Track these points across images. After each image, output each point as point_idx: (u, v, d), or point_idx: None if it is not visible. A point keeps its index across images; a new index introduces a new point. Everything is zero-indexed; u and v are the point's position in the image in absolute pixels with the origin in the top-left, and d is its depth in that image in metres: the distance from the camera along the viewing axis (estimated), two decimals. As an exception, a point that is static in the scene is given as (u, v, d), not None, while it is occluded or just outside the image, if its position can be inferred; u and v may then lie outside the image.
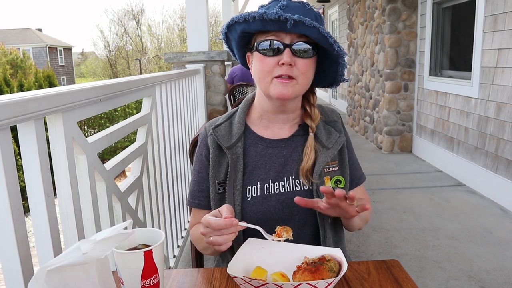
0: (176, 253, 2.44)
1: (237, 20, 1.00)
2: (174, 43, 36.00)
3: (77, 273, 0.62)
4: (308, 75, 1.03)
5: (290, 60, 0.98)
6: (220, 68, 3.67)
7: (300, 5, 1.00)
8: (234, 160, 1.07)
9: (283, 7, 0.98)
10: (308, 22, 0.93)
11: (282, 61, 0.98)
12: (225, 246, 0.86)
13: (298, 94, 1.04)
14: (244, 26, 1.00)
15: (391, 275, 0.90)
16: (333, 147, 1.10)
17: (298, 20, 0.93)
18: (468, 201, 3.56)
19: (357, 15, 6.57)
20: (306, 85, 1.05)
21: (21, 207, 0.90)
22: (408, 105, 5.18)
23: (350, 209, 0.94)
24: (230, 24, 1.03)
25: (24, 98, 0.89)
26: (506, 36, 3.23)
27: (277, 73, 0.99)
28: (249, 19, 0.97)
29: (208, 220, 0.86)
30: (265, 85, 1.03)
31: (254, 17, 0.96)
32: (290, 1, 1.00)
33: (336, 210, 0.96)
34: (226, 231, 0.85)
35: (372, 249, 2.74)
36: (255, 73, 1.05)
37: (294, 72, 0.99)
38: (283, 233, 0.92)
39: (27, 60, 20.57)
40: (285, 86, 1.00)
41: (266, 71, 1.01)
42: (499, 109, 3.37)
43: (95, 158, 1.30)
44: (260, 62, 1.02)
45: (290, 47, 0.98)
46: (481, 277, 2.35)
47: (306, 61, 1.00)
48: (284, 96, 1.01)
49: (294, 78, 1.00)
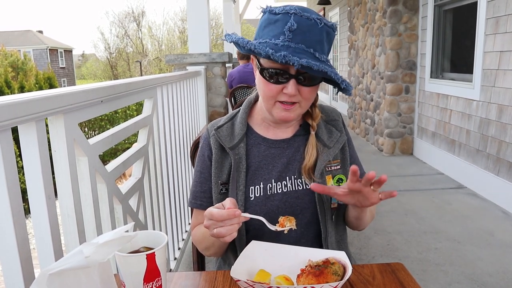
0: (177, 255, 2.43)
1: (242, 46, 0.98)
2: (174, 45, 36.04)
3: (79, 277, 0.61)
4: (311, 99, 1.03)
5: (295, 91, 0.97)
6: (221, 69, 3.67)
7: (312, 24, 0.94)
8: (237, 161, 1.07)
9: (292, 29, 0.93)
10: (316, 67, 0.90)
11: (286, 91, 0.98)
12: (229, 238, 0.85)
13: (299, 115, 1.07)
14: (249, 51, 0.98)
15: (396, 278, 0.89)
16: (335, 146, 1.10)
17: (306, 65, 0.90)
18: (470, 203, 3.55)
19: (358, 17, 6.58)
20: (307, 107, 1.06)
21: (21, 209, 0.89)
22: (409, 107, 5.17)
23: (372, 195, 0.89)
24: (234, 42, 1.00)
25: (25, 99, 0.89)
26: (508, 38, 3.22)
27: (281, 99, 1.00)
28: (255, 52, 0.94)
29: (211, 211, 0.86)
30: (268, 106, 1.04)
31: (260, 53, 0.93)
32: (301, 17, 0.94)
33: (355, 196, 0.91)
34: (229, 222, 0.84)
35: (374, 252, 2.72)
36: (259, 90, 1.05)
37: (297, 98, 1.00)
38: (286, 223, 0.91)
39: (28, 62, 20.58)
40: (287, 111, 1.01)
41: (270, 96, 1.01)
42: (501, 111, 3.36)
43: (97, 160, 1.29)
44: (264, 85, 1.01)
45: (296, 78, 0.97)
46: (484, 280, 2.34)
47: (311, 88, 1.00)
48: (287, 120, 1.03)
49: (297, 103, 1.01)
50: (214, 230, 0.85)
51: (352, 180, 0.87)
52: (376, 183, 0.87)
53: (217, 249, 1.06)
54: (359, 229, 1.16)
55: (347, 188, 0.89)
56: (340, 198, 0.93)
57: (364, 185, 0.87)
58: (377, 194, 0.90)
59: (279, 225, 0.91)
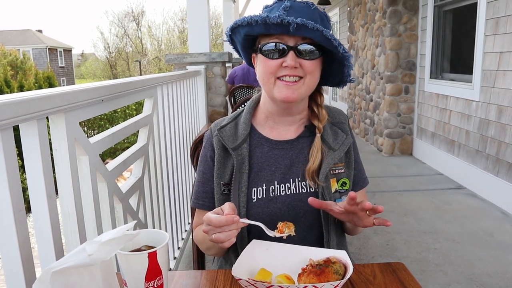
0: (177, 254, 2.43)
1: (240, 24, 0.99)
2: (174, 45, 36.03)
3: (82, 275, 0.61)
4: (315, 75, 1.01)
5: (294, 62, 0.96)
6: (221, 69, 3.67)
7: (305, 6, 0.98)
8: (240, 161, 1.05)
9: (287, 8, 0.96)
10: (311, 25, 0.91)
11: (285, 63, 0.97)
12: (227, 243, 0.85)
13: (303, 96, 1.03)
14: (248, 29, 0.99)
15: (397, 277, 0.89)
16: (340, 149, 1.08)
17: (301, 23, 0.91)
18: (469, 204, 3.56)
19: (358, 18, 6.58)
20: (312, 86, 1.03)
21: (23, 208, 0.89)
22: (409, 107, 5.17)
23: (367, 220, 0.92)
24: (234, 27, 1.02)
25: (27, 98, 0.89)
26: (508, 39, 3.23)
27: (281, 74, 0.99)
28: (252, 22, 0.96)
29: (209, 217, 0.85)
30: (269, 87, 1.02)
31: (256, 21, 0.95)
32: (294, 1, 0.98)
33: (350, 216, 0.94)
34: (227, 228, 0.84)
35: (373, 252, 2.72)
36: (259, 75, 1.04)
37: (300, 72, 0.98)
38: (285, 229, 0.91)
39: (27, 61, 20.54)
40: (289, 88, 0.99)
41: (269, 73, 1.00)
42: (500, 112, 3.36)
43: (97, 159, 1.29)
44: (263, 64, 1.01)
45: (294, 49, 0.97)
46: (483, 280, 2.34)
47: (312, 62, 0.99)
48: (289, 99, 0.99)
49: (302, 77, 0.99)
50: (213, 235, 0.85)
51: (349, 203, 0.89)
52: (372, 211, 0.89)
53: (218, 249, 1.06)
54: (353, 234, 1.18)
55: (343, 208, 0.92)
56: (335, 215, 0.97)
57: (360, 210, 0.89)
58: (372, 219, 0.93)
59: (278, 231, 0.91)
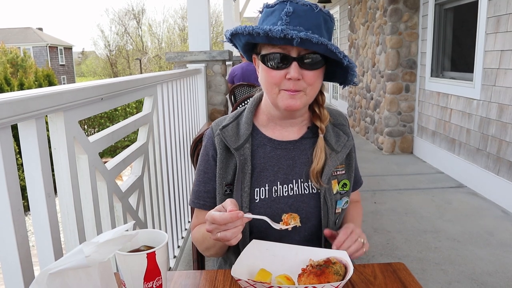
0: (177, 253, 2.42)
1: (240, 32, 0.97)
2: (174, 43, 35.98)
3: (79, 276, 0.61)
4: (316, 85, 1.00)
5: (298, 75, 0.95)
6: (221, 67, 3.66)
7: (308, 9, 0.95)
8: (242, 162, 1.04)
9: (289, 13, 0.93)
10: (316, 40, 0.89)
11: (289, 75, 0.95)
12: (234, 240, 0.84)
13: (306, 104, 1.03)
14: (249, 38, 0.97)
15: (398, 278, 0.88)
16: (342, 151, 1.08)
17: (305, 38, 0.88)
18: (470, 203, 3.55)
19: (358, 16, 6.56)
20: (314, 95, 1.03)
21: (21, 207, 0.89)
22: (409, 106, 5.16)
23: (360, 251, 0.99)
24: (234, 33, 1.00)
25: (25, 97, 0.88)
26: (509, 37, 3.22)
27: (284, 87, 0.98)
28: (254, 33, 0.94)
29: (212, 215, 0.83)
30: (272, 96, 1.01)
31: (258, 33, 0.92)
32: (297, 4, 0.95)
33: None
34: (232, 224, 0.83)
35: (374, 251, 2.72)
36: (262, 82, 1.03)
37: (302, 85, 0.97)
38: (291, 221, 0.90)
39: (27, 59, 20.52)
40: (293, 98, 0.98)
41: (273, 84, 0.99)
42: (501, 110, 3.35)
43: (96, 158, 1.28)
44: (266, 74, 0.99)
45: (298, 61, 0.95)
46: (483, 279, 2.34)
47: (314, 72, 0.97)
48: (292, 107, 0.99)
49: (302, 90, 0.98)
50: (218, 234, 0.83)
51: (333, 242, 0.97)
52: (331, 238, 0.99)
53: (218, 249, 1.05)
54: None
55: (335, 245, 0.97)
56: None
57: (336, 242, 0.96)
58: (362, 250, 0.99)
59: (283, 223, 0.90)
